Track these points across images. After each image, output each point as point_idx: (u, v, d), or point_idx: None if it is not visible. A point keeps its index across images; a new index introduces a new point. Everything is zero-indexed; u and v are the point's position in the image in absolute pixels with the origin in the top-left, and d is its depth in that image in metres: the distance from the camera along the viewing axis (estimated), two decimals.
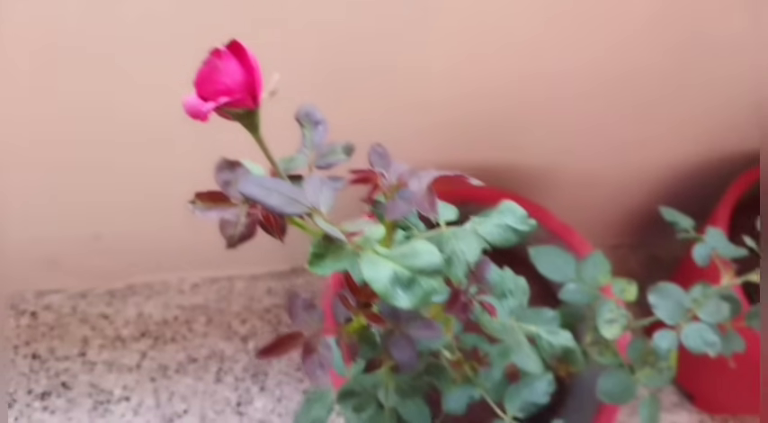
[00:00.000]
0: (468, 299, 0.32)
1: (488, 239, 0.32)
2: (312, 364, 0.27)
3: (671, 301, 0.57)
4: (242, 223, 0.26)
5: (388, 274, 0.25)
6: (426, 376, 0.33)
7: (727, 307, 0.56)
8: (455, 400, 0.48)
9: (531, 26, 0.70)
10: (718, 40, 0.76)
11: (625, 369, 0.61)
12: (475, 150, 0.89)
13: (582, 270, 0.63)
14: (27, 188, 0.83)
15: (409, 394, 0.33)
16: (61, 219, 0.89)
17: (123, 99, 0.71)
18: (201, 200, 0.26)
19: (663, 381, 0.60)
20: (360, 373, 0.32)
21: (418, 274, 0.25)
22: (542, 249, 0.64)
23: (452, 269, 0.30)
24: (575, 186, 0.99)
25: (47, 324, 1.05)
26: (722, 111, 0.91)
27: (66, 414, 0.99)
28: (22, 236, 0.91)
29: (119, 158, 0.81)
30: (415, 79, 0.75)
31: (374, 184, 0.27)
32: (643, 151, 0.95)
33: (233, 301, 1.11)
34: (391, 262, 0.25)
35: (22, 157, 0.77)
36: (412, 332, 0.30)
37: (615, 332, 0.59)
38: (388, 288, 0.25)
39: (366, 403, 0.33)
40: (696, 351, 0.55)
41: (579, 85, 0.81)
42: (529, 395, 0.48)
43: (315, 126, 0.29)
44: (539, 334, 0.41)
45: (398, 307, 0.29)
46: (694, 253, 0.60)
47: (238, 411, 1.02)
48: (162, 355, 1.05)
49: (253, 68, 0.24)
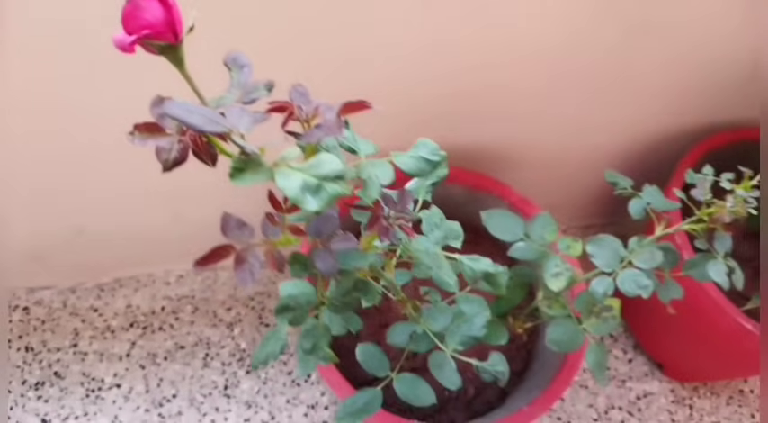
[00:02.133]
0: (388, 223, 0.37)
1: (404, 168, 0.37)
2: (242, 272, 0.32)
3: (608, 251, 0.61)
4: (175, 149, 0.31)
5: (299, 183, 0.29)
6: (354, 293, 0.38)
7: (661, 254, 0.61)
8: (398, 335, 0.53)
9: (491, 13, 0.75)
10: (664, 24, 0.81)
11: (572, 319, 0.65)
12: (443, 133, 0.94)
13: (530, 229, 0.67)
14: (8, 184, 0.87)
15: (340, 309, 0.38)
16: (43, 214, 0.93)
17: (103, 92, 0.75)
18: (140, 131, 0.31)
19: (608, 329, 0.64)
20: (294, 289, 0.36)
21: (323, 181, 0.29)
22: (493, 212, 0.68)
23: (368, 190, 0.34)
24: (542, 168, 1.03)
25: (38, 318, 1.09)
26: (673, 89, 0.95)
27: (60, 402, 1.03)
28: (7, 232, 0.95)
29: (97, 154, 0.85)
30: (385, 64, 0.79)
31: (290, 113, 0.32)
32: (604, 132, 1.00)
33: (218, 290, 1.15)
34: (301, 173, 0.29)
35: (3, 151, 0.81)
36: (332, 245, 0.34)
37: (561, 284, 0.64)
38: (298, 194, 0.29)
39: (301, 317, 0.37)
40: (630, 294, 0.59)
41: (538, 70, 0.85)
42: (468, 330, 0.52)
43: (241, 69, 0.34)
44: (461, 260, 0.45)
45: (321, 226, 0.34)
46: (630, 207, 0.65)
47: (226, 394, 1.06)
48: (150, 344, 1.09)
49: (171, 7, 0.29)
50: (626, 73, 0.90)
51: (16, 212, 0.91)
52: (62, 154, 0.84)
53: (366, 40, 0.75)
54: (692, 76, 0.93)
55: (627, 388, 1.15)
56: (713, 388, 1.16)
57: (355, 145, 0.36)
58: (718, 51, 0.88)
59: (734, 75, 0.92)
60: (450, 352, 0.52)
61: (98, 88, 0.73)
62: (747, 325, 0.86)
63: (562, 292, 0.66)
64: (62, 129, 0.79)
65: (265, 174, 0.30)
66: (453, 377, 0.52)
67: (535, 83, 0.88)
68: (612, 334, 1.20)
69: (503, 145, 0.98)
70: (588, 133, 1.02)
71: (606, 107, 0.97)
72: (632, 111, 0.99)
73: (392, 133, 0.89)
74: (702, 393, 1.16)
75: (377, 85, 0.81)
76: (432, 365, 0.53)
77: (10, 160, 0.82)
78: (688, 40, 0.86)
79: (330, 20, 0.71)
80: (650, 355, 1.17)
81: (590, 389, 1.14)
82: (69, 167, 0.87)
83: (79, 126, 0.80)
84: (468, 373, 0.87)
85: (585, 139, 1.03)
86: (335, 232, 0.34)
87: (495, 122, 0.93)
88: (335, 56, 0.76)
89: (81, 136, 0.81)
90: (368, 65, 0.78)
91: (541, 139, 0.98)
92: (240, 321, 1.12)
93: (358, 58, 0.77)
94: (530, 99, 0.92)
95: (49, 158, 0.84)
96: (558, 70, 0.86)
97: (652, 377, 1.16)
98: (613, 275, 0.60)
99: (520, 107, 0.92)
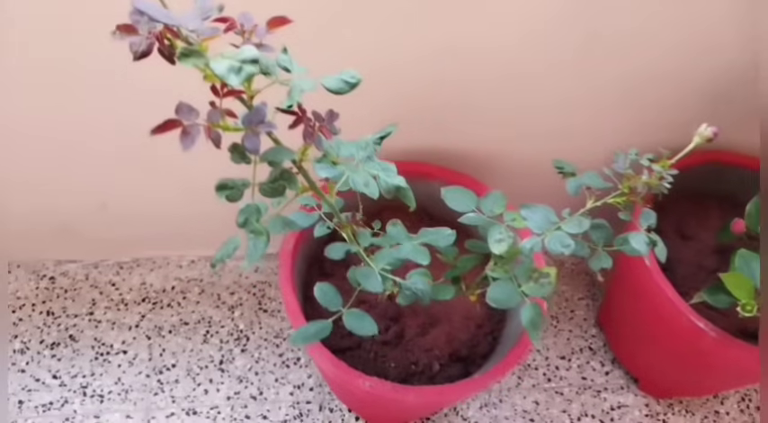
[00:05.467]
0: (311, 127, 0.47)
1: (327, 86, 0.47)
2: (186, 140, 0.42)
3: (540, 215, 0.69)
4: (144, 44, 0.42)
5: (226, 65, 0.40)
6: (281, 181, 0.47)
7: (588, 222, 0.69)
8: (335, 251, 0.62)
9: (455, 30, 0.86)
10: (613, 40, 0.90)
11: (512, 282, 0.73)
12: (429, 137, 1.04)
13: (482, 203, 0.76)
14: (36, 159, 0.99)
15: (269, 193, 0.47)
16: (70, 187, 1.06)
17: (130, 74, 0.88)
18: (120, 30, 0.42)
19: (543, 292, 0.72)
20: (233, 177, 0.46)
21: (243, 64, 0.40)
22: (451, 188, 0.77)
23: (293, 93, 0.45)
24: (521, 175, 1.11)
25: (62, 287, 1.21)
26: (632, 105, 1.02)
27: (71, 362, 1.13)
28: (36, 205, 1.08)
29: (118, 140, 0.97)
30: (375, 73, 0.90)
31: (230, 25, 0.43)
32: (574, 140, 1.07)
33: (224, 276, 1.26)
34: (228, 59, 0.40)
35: (30, 129, 0.94)
36: (259, 129, 0.44)
37: (502, 248, 0.72)
38: (225, 73, 0.39)
39: (237, 194, 0.47)
40: (554, 252, 0.67)
41: (506, 83, 0.95)
42: (397, 253, 0.61)
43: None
44: (379, 175, 0.54)
45: (252, 117, 0.44)
46: (567, 186, 0.73)
47: (220, 368, 1.15)
48: (158, 318, 1.19)
49: None
50: (582, 85, 0.97)
51: (44, 185, 1.04)
52: (88, 132, 0.96)
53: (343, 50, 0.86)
54: (650, 93, 1.00)
55: (602, 398, 1.19)
56: (689, 406, 1.20)
57: (290, 66, 0.47)
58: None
59: (699, 94, 1.00)
60: (378, 269, 0.61)
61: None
62: (699, 323, 0.91)
63: (507, 259, 0.74)
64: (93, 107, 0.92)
65: (203, 59, 0.40)
66: (376, 284, 0.60)
67: (506, 95, 0.97)
68: (592, 347, 1.25)
69: (487, 150, 1.07)
70: (560, 141, 1.08)
71: (571, 117, 1.04)
72: (598, 122, 1.05)
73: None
74: (677, 410, 1.19)
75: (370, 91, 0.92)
76: (360, 276, 0.62)
77: (37, 138, 0.95)
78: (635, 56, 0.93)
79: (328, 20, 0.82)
80: (627, 369, 1.22)
81: (565, 396, 1.19)
82: (92, 148, 0.99)
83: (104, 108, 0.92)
84: (435, 351, 0.94)
85: (556, 146, 1.10)
86: (262, 121, 0.44)
87: (478, 128, 1.03)
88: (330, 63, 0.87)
89: (108, 119, 0.94)
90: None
91: (519, 146, 1.07)
92: (241, 305, 1.22)
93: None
94: (505, 108, 1.00)
95: (75, 139, 0.96)
96: (522, 83, 0.95)
97: (627, 390, 1.21)
98: (542, 237, 0.69)
99: (497, 114, 1.01)
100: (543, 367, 1.22)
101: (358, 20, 0.82)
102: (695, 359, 1.01)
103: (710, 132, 0.65)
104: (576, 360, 1.23)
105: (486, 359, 0.96)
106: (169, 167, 1.03)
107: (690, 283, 1.01)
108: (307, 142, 0.47)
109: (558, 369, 1.22)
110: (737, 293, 0.80)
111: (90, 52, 0.82)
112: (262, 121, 0.44)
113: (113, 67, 0.83)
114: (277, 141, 0.48)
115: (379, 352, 0.92)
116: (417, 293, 0.63)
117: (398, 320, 0.95)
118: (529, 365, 1.22)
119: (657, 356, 1.10)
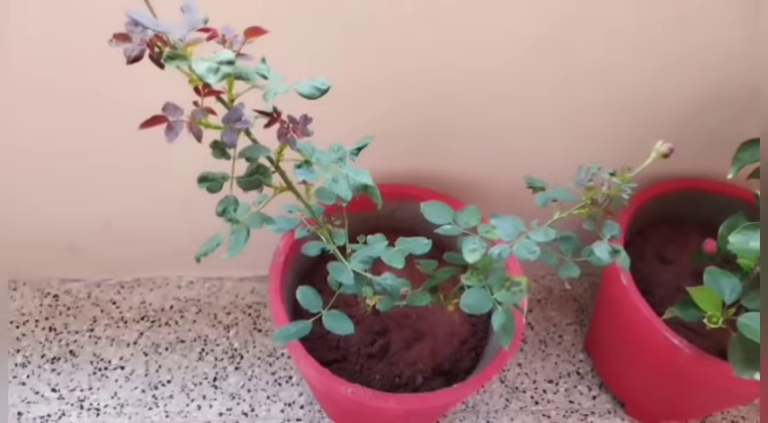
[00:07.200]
0: (286, 129, 0.52)
1: (300, 92, 0.53)
2: (171, 133, 0.47)
3: (509, 224, 0.74)
4: (136, 50, 0.48)
5: (205, 66, 0.45)
6: (257, 175, 0.52)
7: (554, 232, 0.73)
8: (311, 249, 0.66)
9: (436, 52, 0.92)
10: (590, 69, 0.96)
11: (486, 289, 0.77)
12: (411, 160, 1.09)
13: (458, 217, 0.81)
14: (41, 176, 1.05)
15: (245, 186, 0.52)
16: (75, 204, 1.11)
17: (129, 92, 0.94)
18: (116, 38, 0.48)
19: (514, 300, 0.76)
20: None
21: (220, 65, 0.45)
22: (430, 203, 0.82)
23: (268, 95, 0.50)
24: (497, 194, 1.15)
25: (65, 305, 1.26)
26: (605, 133, 1.07)
27: (70, 376, 1.17)
28: (42, 223, 1.13)
29: (122, 160, 1.03)
30: (359, 95, 0.96)
31: (213, 34, 0.49)
32: (554, 165, 1.12)
33: (221, 296, 1.30)
34: (207, 61, 0.46)
35: (34, 147, 1.00)
36: (237, 126, 0.50)
37: (475, 257, 0.76)
38: (204, 73, 0.45)
39: (216, 186, 0.52)
40: (521, 258, 0.71)
41: (488, 109, 1.01)
42: (369, 252, 0.65)
43: (190, 10, 0.51)
44: (347, 173, 0.59)
45: (231, 115, 0.50)
46: (536, 199, 0.78)
47: (214, 385, 1.18)
48: (156, 336, 1.23)
49: None
50: (559, 112, 1.03)
51: (51, 202, 1.10)
52: (92, 150, 1.02)
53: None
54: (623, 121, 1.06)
55: (588, 422, 1.21)
56: None
57: (267, 73, 0.52)
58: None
59: (672, 124, 1.05)
60: (350, 267, 0.65)
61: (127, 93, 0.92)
62: (674, 340, 0.94)
63: (481, 269, 0.78)
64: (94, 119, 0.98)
65: (186, 61, 0.46)
66: (348, 278, 0.65)
67: (485, 122, 1.03)
68: (580, 371, 1.27)
69: (473, 172, 1.12)
70: (540, 167, 1.13)
71: (550, 141, 1.08)
72: (575, 147, 1.10)
73: (376, 159, 1.05)
74: None
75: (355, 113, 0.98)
76: (334, 271, 0.66)
77: (44, 154, 1.01)
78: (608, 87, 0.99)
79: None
80: (614, 393, 1.24)
81: (552, 419, 1.21)
82: (98, 163, 1.05)
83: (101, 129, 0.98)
84: (419, 365, 0.98)
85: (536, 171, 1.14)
86: (240, 119, 0.49)
87: (460, 152, 1.08)
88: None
89: (112, 133, 1.00)
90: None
91: (499, 167, 1.12)
92: (236, 325, 1.26)
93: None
94: (485, 134, 1.06)
95: (80, 153, 1.02)
96: (501, 110, 1.01)
97: (615, 415, 1.22)
98: (511, 244, 0.73)
99: (479, 139, 1.06)
100: (531, 390, 1.24)
101: (333, 42, 0.88)
102: (675, 378, 1.03)
103: (666, 148, 0.70)
104: (563, 384, 1.26)
105: (469, 374, 0.99)
106: (170, 192, 1.09)
107: (667, 304, 1.04)
108: (281, 141, 0.52)
109: (546, 392, 1.24)
110: (704, 306, 0.83)
111: (94, 76, 0.88)
112: (239, 119, 0.50)
113: (117, 91, 0.90)
114: (254, 141, 0.54)
115: (364, 364, 0.95)
116: (387, 289, 0.67)
117: (384, 335, 0.98)
118: (517, 388, 1.24)
119: (640, 377, 1.12)
